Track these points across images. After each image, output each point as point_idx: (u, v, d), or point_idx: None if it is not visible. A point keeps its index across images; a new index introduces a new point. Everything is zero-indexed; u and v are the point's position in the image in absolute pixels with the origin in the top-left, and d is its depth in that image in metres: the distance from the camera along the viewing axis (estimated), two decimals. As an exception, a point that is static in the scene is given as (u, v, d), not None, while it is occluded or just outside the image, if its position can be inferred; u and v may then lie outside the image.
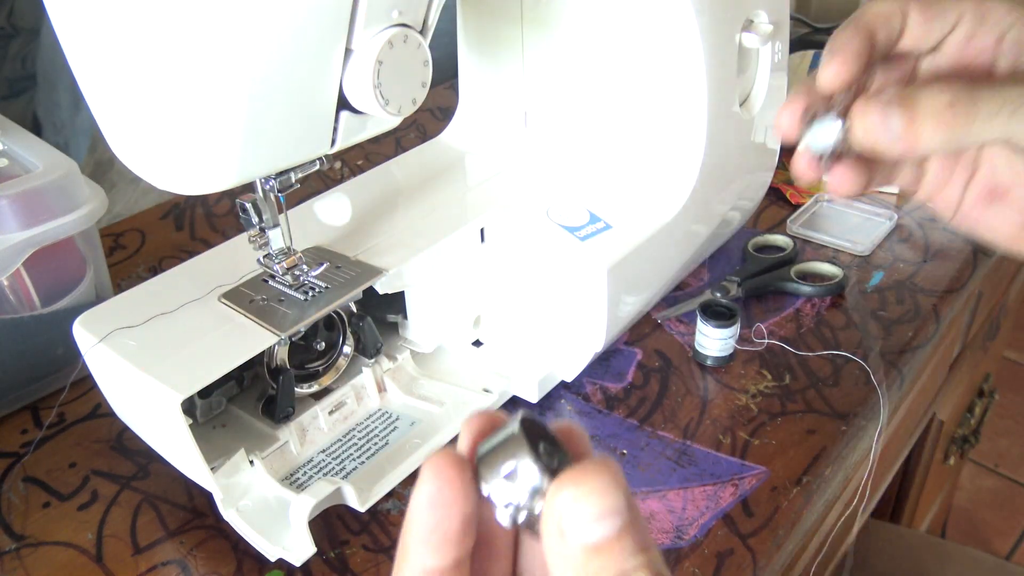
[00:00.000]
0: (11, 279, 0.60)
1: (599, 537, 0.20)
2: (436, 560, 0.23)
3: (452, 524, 0.22)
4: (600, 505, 0.21)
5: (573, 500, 0.21)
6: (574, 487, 0.21)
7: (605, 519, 0.21)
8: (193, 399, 0.54)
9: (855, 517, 0.80)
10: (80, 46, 0.41)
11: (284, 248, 0.54)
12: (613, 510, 0.21)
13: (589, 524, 0.21)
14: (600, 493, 0.21)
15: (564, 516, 0.21)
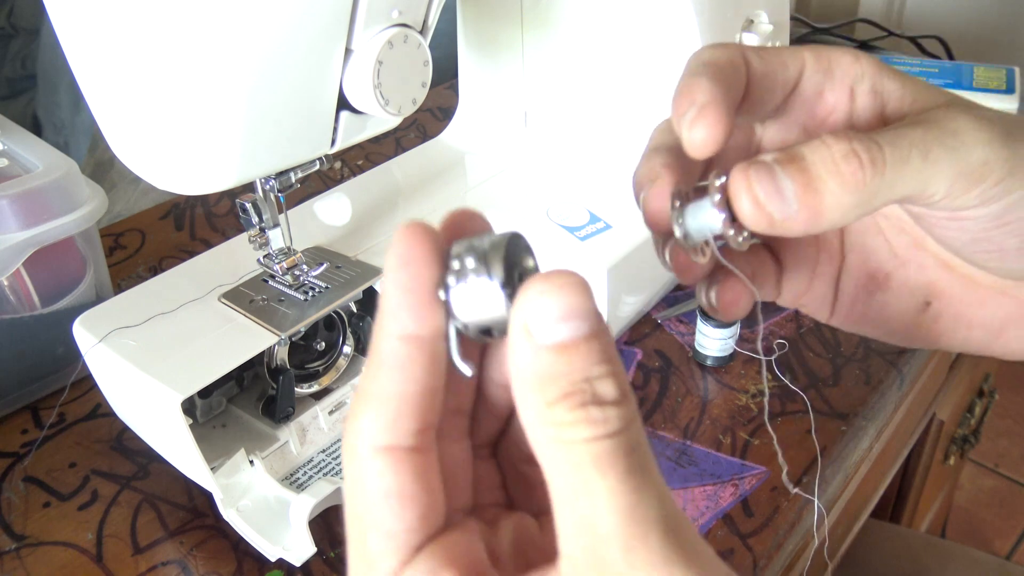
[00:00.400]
0: (11, 279, 0.60)
1: (566, 336, 0.20)
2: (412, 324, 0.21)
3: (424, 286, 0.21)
4: (568, 304, 0.20)
5: (541, 296, 0.20)
6: (543, 284, 0.20)
7: (573, 319, 0.20)
8: (193, 399, 0.54)
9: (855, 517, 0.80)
10: (80, 46, 0.41)
11: (284, 248, 0.54)
12: (581, 312, 0.20)
13: (557, 323, 0.20)
14: (569, 293, 0.20)
15: (532, 313, 0.20)
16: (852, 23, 1.28)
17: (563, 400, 0.19)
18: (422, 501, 0.21)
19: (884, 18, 1.39)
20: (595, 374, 0.19)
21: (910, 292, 0.32)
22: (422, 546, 0.21)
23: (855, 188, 0.24)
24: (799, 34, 1.15)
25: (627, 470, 0.19)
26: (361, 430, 0.21)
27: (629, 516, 0.19)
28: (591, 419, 0.19)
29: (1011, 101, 0.83)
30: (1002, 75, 0.88)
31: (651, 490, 0.19)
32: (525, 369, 0.20)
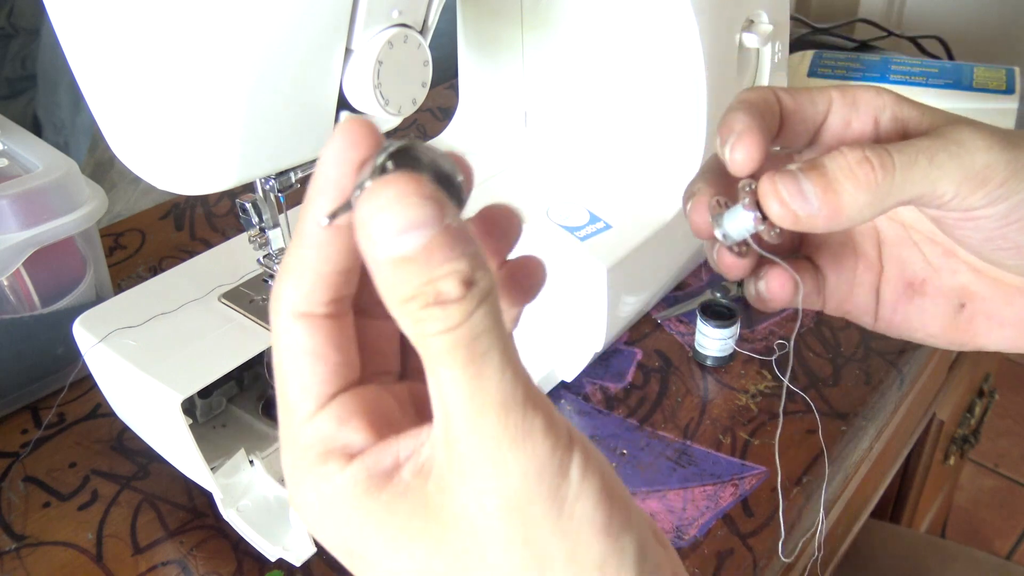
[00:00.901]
0: (11, 279, 0.60)
1: (403, 251, 0.21)
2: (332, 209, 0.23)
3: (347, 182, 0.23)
4: (405, 217, 0.21)
5: (375, 215, 0.21)
6: (375, 202, 0.21)
7: (408, 232, 0.21)
8: (193, 399, 0.54)
9: (855, 517, 0.80)
10: (80, 46, 0.41)
11: (284, 248, 0.54)
12: (419, 222, 0.21)
13: (393, 238, 0.21)
14: (406, 205, 0.21)
15: (370, 228, 0.21)
16: (852, 23, 1.28)
17: (411, 300, 0.21)
18: (332, 359, 0.24)
19: (884, 18, 1.39)
20: (437, 274, 0.21)
21: (945, 296, 0.35)
22: (334, 395, 0.24)
23: (868, 188, 0.29)
24: (799, 34, 1.15)
25: (467, 359, 0.21)
26: (281, 297, 0.24)
27: (468, 400, 0.21)
28: (433, 317, 0.21)
29: (1011, 101, 0.83)
30: (1002, 75, 0.88)
31: (490, 375, 0.21)
32: (377, 272, 0.22)
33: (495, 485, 0.22)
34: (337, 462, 0.24)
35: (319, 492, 0.24)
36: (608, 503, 0.22)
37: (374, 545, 0.23)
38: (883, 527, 0.95)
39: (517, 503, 0.22)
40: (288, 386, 0.24)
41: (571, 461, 0.22)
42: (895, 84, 0.87)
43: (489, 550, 0.22)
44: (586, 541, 0.22)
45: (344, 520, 0.24)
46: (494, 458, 0.21)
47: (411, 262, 0.21)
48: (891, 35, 1.17)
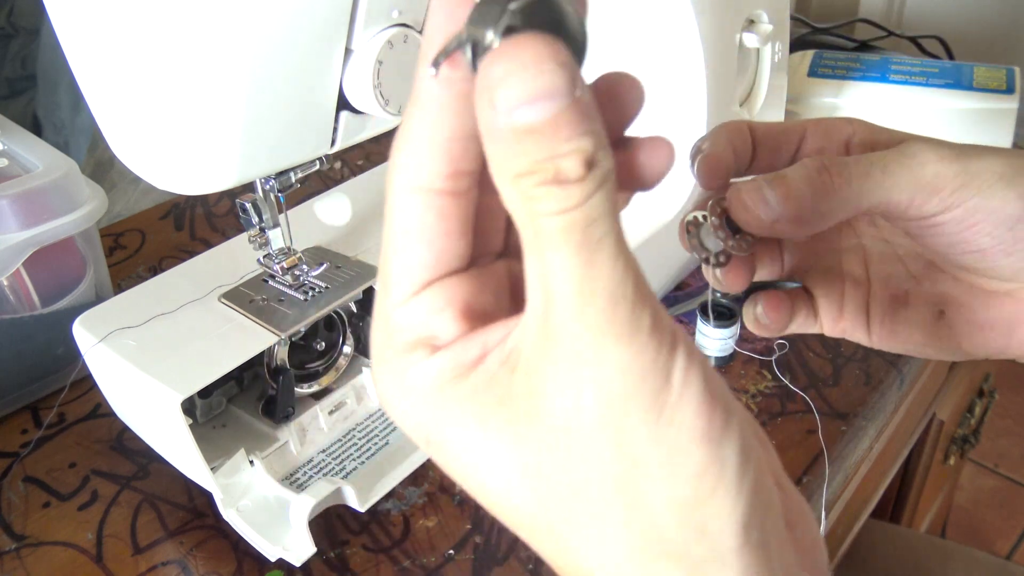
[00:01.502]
0: (11, 279, 0.60)
1: (530, 120, 0.19)
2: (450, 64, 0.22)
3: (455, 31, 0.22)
4: (534, 87, 0.19)
5: (505, 76, 0.19)
6: (508, 61, 0.19)
7: (537, 102, 0.19)
8: (193, 399, 0.54)
9: (855, 517, 0.80)
10: (80, 46, 0.41)
11: (284, 248, 0.54)
12: (551, 91, 0.19)
13: (520, 106, 0.19)
14: (536, 72, 0.19)
15: (496, 91, 0.19)
16: (852, 23, 1.28)
17: (526, 176, 0.20)
18: (439, 243, 0.23)
19: (884, 18, 1.39)
20: (560, 151, 0.19)
21: (925, 303, 0.37)
22: (432, 282, 0.23)
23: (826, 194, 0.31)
24: (799, 34, 1.15)
25: (580, 243, 0.20)
26: (397, 167, 0.23)
27: (577, 286, 0.20)
28: (550, 196, 0.20)
29: (1011, 101, 0.83)
30: (1002, 75, 0.88)
31: (602, 263, 0.20)
32: (492, 143, 0.20)
33: (595, 379, 0.20)
34: (424, 351, 0.23)
35: (402, 379, 0.23)
36: (710, 409, 0.21)
37: (455, 436, 0.23)
38: (883, 527, 0.95)
39: (615, 401, 0.20)
40: (390, 264, 0.23)
41: (674, 363, 0.21)
42: (895, 84, 0.87)
43: (579, 447, 0.21)
44: (684, 449, 0.21)
45: (425, 409, 0.23)
46: (597, 351, 0.20)
47: (534, 134, 0.19)
48: (891, 35, 1.17)
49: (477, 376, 0.22)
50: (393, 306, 0.23)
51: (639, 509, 0.21)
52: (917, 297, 0.37)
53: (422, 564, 0.51)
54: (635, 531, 0.21)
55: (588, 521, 0.22)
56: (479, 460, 0.23)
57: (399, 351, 0.23)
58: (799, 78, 0.90)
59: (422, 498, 0.55)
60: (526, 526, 0.23)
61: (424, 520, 0.54)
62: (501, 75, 0.19)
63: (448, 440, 0.23)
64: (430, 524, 0.53)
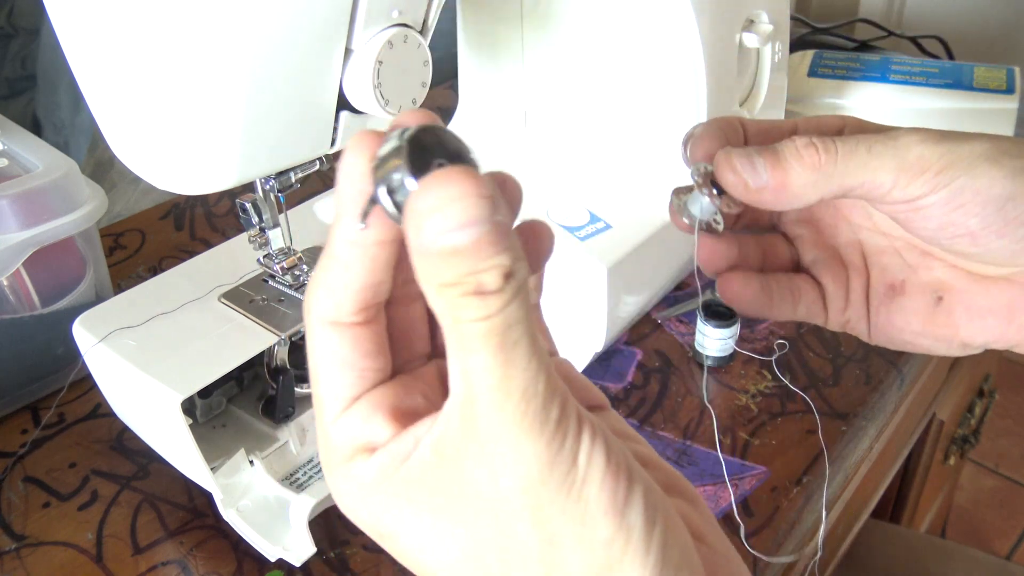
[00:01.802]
0: (11, 279, 0.60)
1: (455, 243, 0.21)
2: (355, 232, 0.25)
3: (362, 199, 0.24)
4: (459, 217, 0.21)
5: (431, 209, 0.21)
6: (433, 196, 0.22)
7: (464, 228, 0.21)
8: (193, 399, 0.54)
9: (855, 517, 0.80)
10: (80, 46, 0.41)
11: (284, 248, 0.54)
12: (474, 219, 0.21)
13: (446, 233, 0.21)
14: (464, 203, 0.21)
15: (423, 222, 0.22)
16: (852, 23, 1.28)
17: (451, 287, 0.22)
18: (359, 364, 0.26)
19: (884, 18, 1.39)
20: (481, 267, 0.22)
21: (922, 291, 0.37)
22: (359, 396, 0.26)
23: (812, 168, 0.32)
24: (799, 34, 1.15)
25: (498, 346, 0.22)
26: (312, 306, 0.26)
27: (494, 385, 0.22)
28: (471, 305, 0.22)
29: (1011, 101, 0.83)
30: (1002, 75, 0.88)
31: (517, 363, 0.22)
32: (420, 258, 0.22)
33: (512, 467, 0.23)
34: (364, 455, 0.25)
35: (349, 483, 0.26)
36: (613, 482, 0.23)
37: (399, 524, 0.25)
38: (883, 527, 0.95)
39: (531, 486, 0.23)
40: (319, 388, 0.26)
41: (580, 447, 0.23)
42: (895, 84, 0.87)
43: (503, 527, 0.24)
44: (593, 522, 0.23)
45: (373, 505, 0.25)
46: (513, 443, 0.23)
47: (459, 254, 0.22)
48: (891, 35, 1.17)
49: (411, 465, 0.25)
50: (329, 423, 0.26)
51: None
52: (914, 285, 0.37)
53: (422, 564, 0.51)
54: None
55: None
56: (422, 544, 0.25)
57: (343, 460, 0.26)
58: (799, 78, 0.90)
59: (422, 498, 0.55)
60: None
61: (424, 520, 0.54)
62: (428, 208, 0.22)
63: (394, 530, 0.25)
64: (430, 524, 0.53)
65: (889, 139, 0.33)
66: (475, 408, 0.23)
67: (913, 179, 0.32)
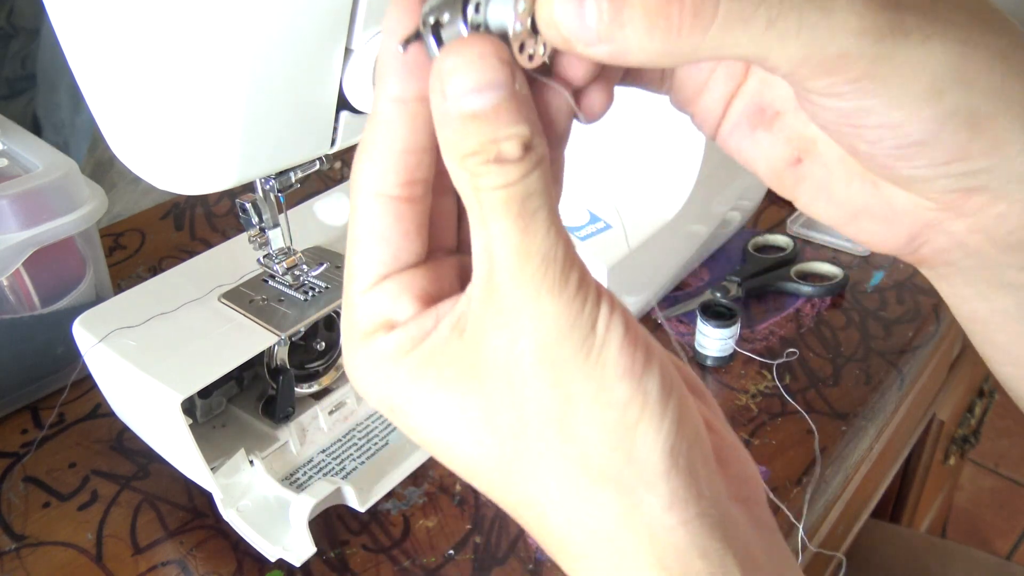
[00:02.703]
0: (11, 279, 0.60)
1: (475, 107, 0.22)
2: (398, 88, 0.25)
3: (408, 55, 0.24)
4: (479, 78, 0.22)
5: (454, 71, 0.22)
6: (455, 58, 0.22)
7: (482, 91, 0.22)
8: (193, 399, 0.54)
9: (855, 517, 0.80)
10: (80, 46, 0.41)
11: (284, 248, 0.54)
12: (493, 83, 0.22)
13: (466, 94, 0.22)
14: (483, 65, 0.22)
15: (446, 82, 0.22)
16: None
17: (472, 156, 0.23)
18: (396, 242, 0.26)
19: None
20: (501, 135, 0.22)
21: (787, 140, 0.30)
22: (390, 275, 0.26)
23: (664, 37, 0.21)
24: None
25: (518, 214, 0.23)
26: (359, 175, 0.26)
27: (514, 249, 0.23)
28: (492, 172, 0.22)
29: (1011, 101, 0.83)
30: (1002, 75, 0.87)
31: (536, 231, 0.23)
32: (443, 129, 0.23)
33: (531, 328, 0.23)
34: (383, 331, 0.26)
35: (366, 357, 0.26)
36: (632, 350, 0.23)
37: (414, 397, 0.25)
38: (883, 527, 0.95)
39: (549, 346, 0.23)
40: (354, 258, 0.26)
41: (599, 313, 0.23)
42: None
43: (520, 389, 0.24)
44: (610, 384, 0.23)
45: (386, 378, 0.26)
46: (532, 304, 0.23)
47: (479, 119, 0.22)
48: (891, 35, 1.17)
49: (431, 341, 0.25)
50: (356, 294, 0.26)
51: (574, 440, 0.24)
52: (782, 127, 0.30)
53: (422, 564, 0.51)
54: (572, 460, 0.24)
55: (533, 457, 0.24)
56: (436, 415, 0.25)
57: (363, 333, 0.26)
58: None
59: (422, 498, 0.55)
60: (481, 473, 0.25)
61: (424, 520, 0.54)
62: (451, 68, 0.22)
63: (408, 402, 0.25)
64: (430, 524, 0.53)
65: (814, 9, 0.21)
66: (496, 275, 0.23)
67: (816, 76, 0.22)
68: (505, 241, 0.23)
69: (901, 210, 0.28)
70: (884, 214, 0.28)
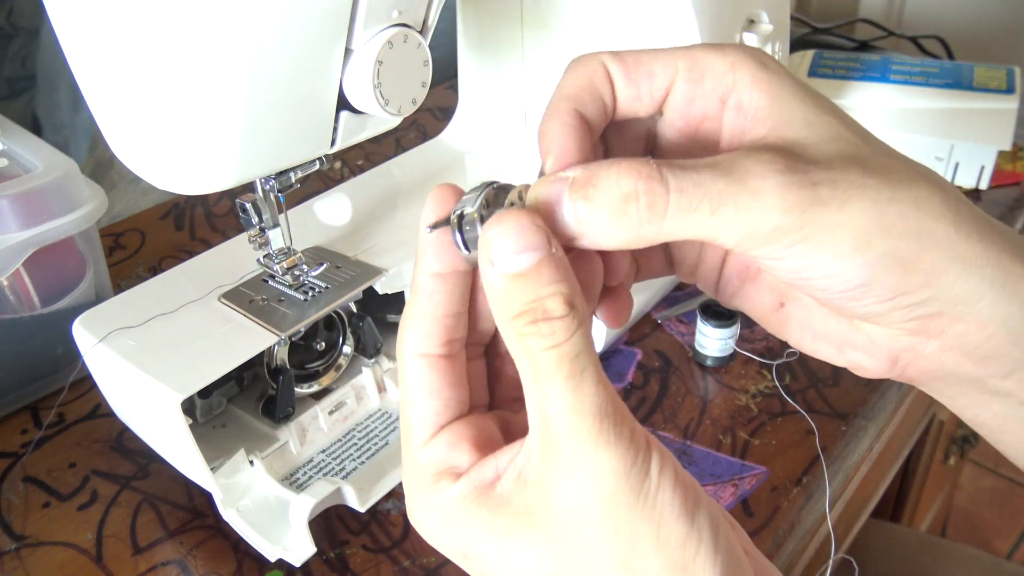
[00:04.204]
0: (11, 279, 0.60)
1: (519, 267, 0.25)
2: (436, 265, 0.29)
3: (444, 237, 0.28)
4: (519, 241, 0.25)
5: (497, 237, 0.26)
6: (498, 227, 0.26)
7: (524, 252, 0.25)
8: (193, 399, 0.54)
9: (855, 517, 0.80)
10: (80, 46, 0.41)
11: (284, 248, 0.54)
12: (531, 245, 0.25)
13: (511, 256, 0.25)
14: (519, 232, 0.25)
15: (492, 248, 0.26)
16: (852, 23, 1.28)
17: (520, 316, 0.25)
18: (445, 394, 0.29)
19: (884, 18, 1.39)
20: (545, 294, 0.25)
21: (769, 290, 0.34)
22: (445, 425, 0.29)
23: (628, 228, 0.27)
24: (799, 34, 1.15)
25: (569, 373, 0.25)
26: (404, 341, 0.29)
27: (569, 407, 0.25)
28: (541, 332, 0.25)
29: (1011, 101, 0.83)
30: (1002, 75, 0.88)
31: (587, 388, 0.25)
32: (493, 292, 0.26)
33: (592, 479, 0.25)
34: (448, 479, 0.28)
35: (435, 505, 0.28)
36: (683, 491, 0.26)
37: (486, 545, 0.27)
38: (883, 527, 0.95)
39: (610, 495, 0.25)
40: (410, 415, 0.29)
41: (651, 459, 0.25)
42: (895, 84, 0.87)
43: (587, 537, 0.26)
44: (668, 524, 0.25)
45: (457, 527, 0.28)
46: (591, 456, 0.25)
47: (523, 278, 0.25)
48: (891, 35, 1.17)
49: (496, 493, 0.27)
50: (417, 447, 0.29)
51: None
52: (764, 280, 0.34)
53: (422, 564, 0.51)
54: None
55: None
56: (508, 560, 0.27)
57: (429, 483, 0.28)
58: (799, 78, 0.90)
59: (422, 498, 0.55)
60: None
61: (424, 520, 0.54)
62: (493, 235, 0.26)
63: (481, 551, 0.27)
64: (430, 524, 0.53)
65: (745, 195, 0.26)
66: (553, 432, 0.25)
67: (758, 247, 0.27)
68: (560, 399, 0.25)
69: (877, 339, 0.31)
70: (864, 344, 0.31)
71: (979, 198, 0.84)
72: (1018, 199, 0.85)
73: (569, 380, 0.25)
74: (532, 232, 0.25)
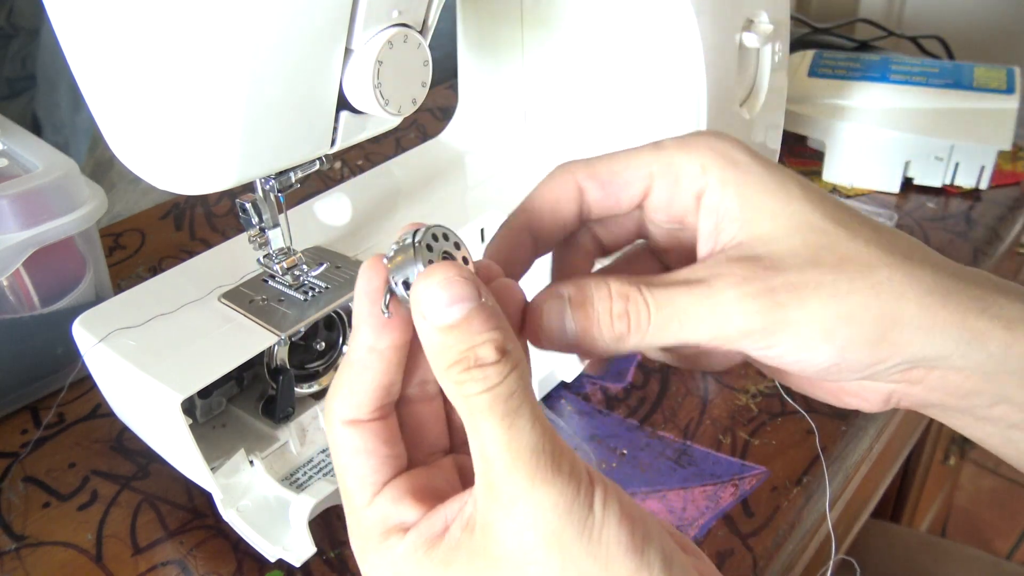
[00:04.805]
0: (11, 279, 0.60)
1: (450, 319, 0.26)
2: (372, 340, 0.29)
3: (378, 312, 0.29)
4: (449, 295, 0.26)
5: (426, 292, 0.26)
6: (426, 282, 0.26)
7: (455, 305, 0.26)
8: (193, 399, 0.54)
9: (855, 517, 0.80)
10: (80, 46, 0.41)
11: (284, 248, 0.54)
12: (462, 298, 0.26)
13: (442, 309, 0.26)
14: (450, 284, 0.26)
15: (422, 302, 0.26)
16: (852, 23, 1.28)
17: (455, 365, 0.26)
18: (381, 452, 0.29)
19: (884, 18, 1.39)
20: (477, 342, 0.26)
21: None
22: (387, 482, 0.29)
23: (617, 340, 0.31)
24: (799, 34, 1.15)
25: (503, 413, 0.25)
26: (332, 409, 0.30)
27: (505, 446, 0.25)
28: (474, 378, 0.25)
29: (1011, 101, 0.83)
30: (1002, 75, 0.88)
31: (523, 427, 0.25)
32: (428, 344, 0.27)
33: (532, 518, 0.25)
34: (397, 535, 0.28)
35: (387, 562, 0.28)
36: (630, 525, 0.26)
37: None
38: (883, 527, 0.95)
39: (552, 532, 0.25)
40: (347, 479, 0.30)
41: (594, 494, 0.26)
42: (895, 84, 0.87)
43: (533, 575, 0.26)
44: (616, 560, 0.25)
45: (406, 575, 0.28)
46: (528, 494, 0.25)
47: (455, 329, 0.26)
48: (891, 35, 1.17)
49: (445, 544, 0.28)
50: (361, 508, 0.29)
51: None
52: None
53: (422, 564, 0.51)
54: None
55: None
56: None
57: (377, 541, 0.29)
58: (799, 78, 0.90)
59: (422, 498, 0.55)
60: None
61: (424, 520, 0.54)
62: (424, 290, 0.26)
63: None
64: (430, 524, 0.53)
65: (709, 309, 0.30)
66: (493, 473, 0.26)
67: (730, 345, 0.30)
68: (495, 440, 0.25)
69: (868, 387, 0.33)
70: (858, 391, 0.34)
71: (979, 198, 0.84)
72: (1018, 199, 0.85)
73: (504, 420, 0.25)
74: (461, 284, 0.26)
